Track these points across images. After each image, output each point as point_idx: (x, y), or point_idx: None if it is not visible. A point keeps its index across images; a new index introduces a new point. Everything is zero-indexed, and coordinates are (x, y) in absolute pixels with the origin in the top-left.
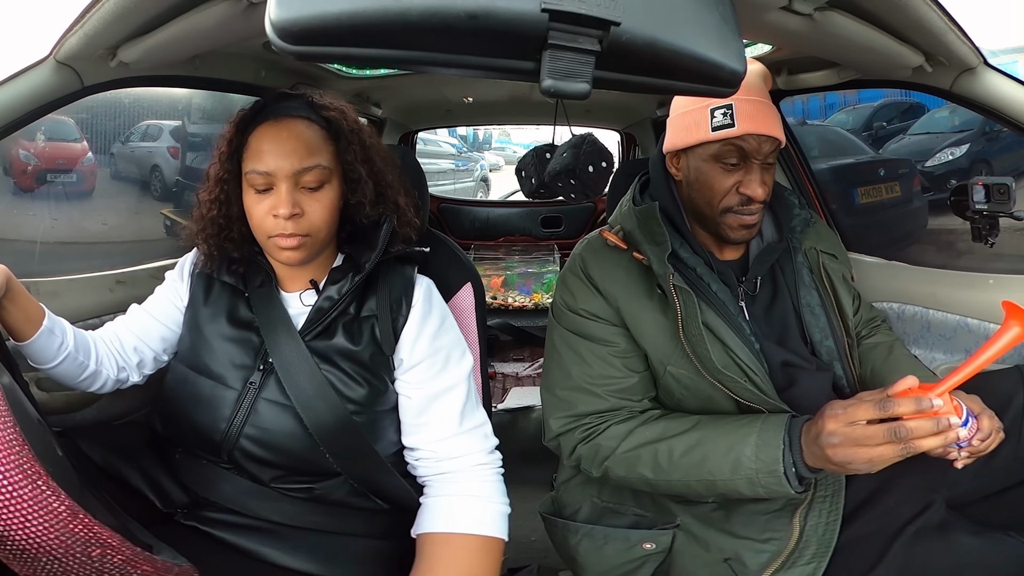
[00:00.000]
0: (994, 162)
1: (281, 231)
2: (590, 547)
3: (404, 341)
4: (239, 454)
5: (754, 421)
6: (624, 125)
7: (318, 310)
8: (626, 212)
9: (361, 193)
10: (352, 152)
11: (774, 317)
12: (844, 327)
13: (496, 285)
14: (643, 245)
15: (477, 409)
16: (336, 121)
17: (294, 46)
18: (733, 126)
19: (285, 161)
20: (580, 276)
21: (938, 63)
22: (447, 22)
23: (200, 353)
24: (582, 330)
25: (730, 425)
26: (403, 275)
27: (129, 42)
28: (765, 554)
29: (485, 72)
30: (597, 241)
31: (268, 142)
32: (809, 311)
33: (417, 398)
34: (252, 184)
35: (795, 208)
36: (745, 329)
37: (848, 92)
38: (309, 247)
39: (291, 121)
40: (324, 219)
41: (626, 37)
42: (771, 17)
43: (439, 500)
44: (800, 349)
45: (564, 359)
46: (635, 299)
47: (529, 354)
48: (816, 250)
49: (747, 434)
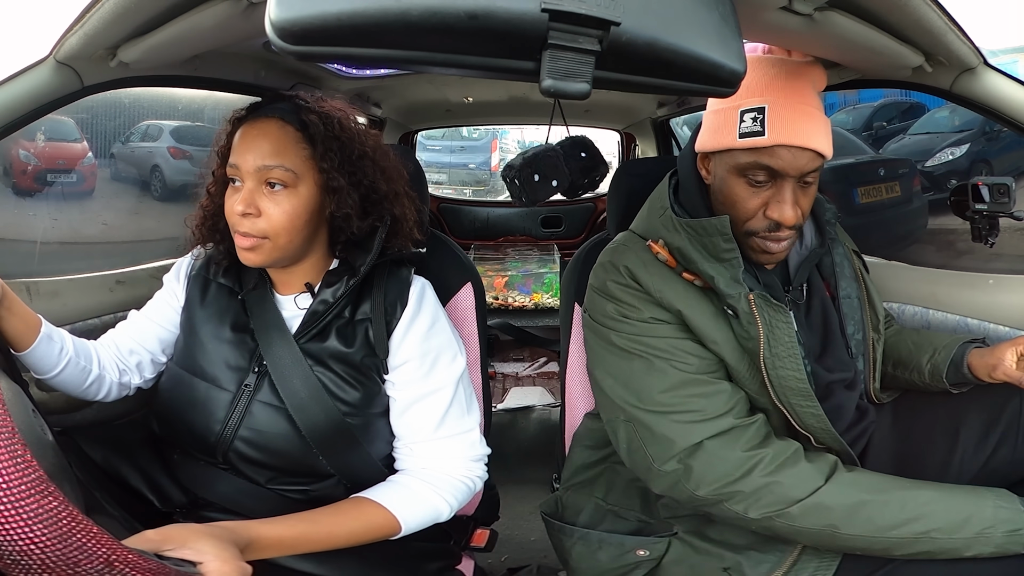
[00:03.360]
0: (994, 162)
1: (239, 228)
2: (583, 551)
3: (393, 341)
4: (234, 456)
5: (977, 488)
6: (624, 125)
7: (313, 313)
8: (671, 226)
9: (345, 204)
10: (330, 159)
11: (815, 320)
12: (873, 322)
13: (499, 286)
14: (701, 264)
15: (466, 415)
16: (313, 125)
17: (294, 46)
18: (763, 134)
19: (250, 155)
20: (631, 287)
21: (938, 63)
22: (447, 22)
23: (195, 355)
24: (657, 333)
25: (953, 486)
26: (398, 277)
27: (129, 42)
28: (766, 564)
29: (485, 72)
30: (645, 253)
31: (243, 138)
32: (848, 303)
33: (401, 399)
34: (229, 177)
35: (825, 203)
36: (802, 351)
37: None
38: (268, 251)
39: (266, 120)
40: (283, 224)
41: (626, 37)
42: (771, 17)
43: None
44: (840, 353)
45: (651, 359)
46: (703, 318)
47: (529, 354)
48: (845, 245)
49: (982, 495)
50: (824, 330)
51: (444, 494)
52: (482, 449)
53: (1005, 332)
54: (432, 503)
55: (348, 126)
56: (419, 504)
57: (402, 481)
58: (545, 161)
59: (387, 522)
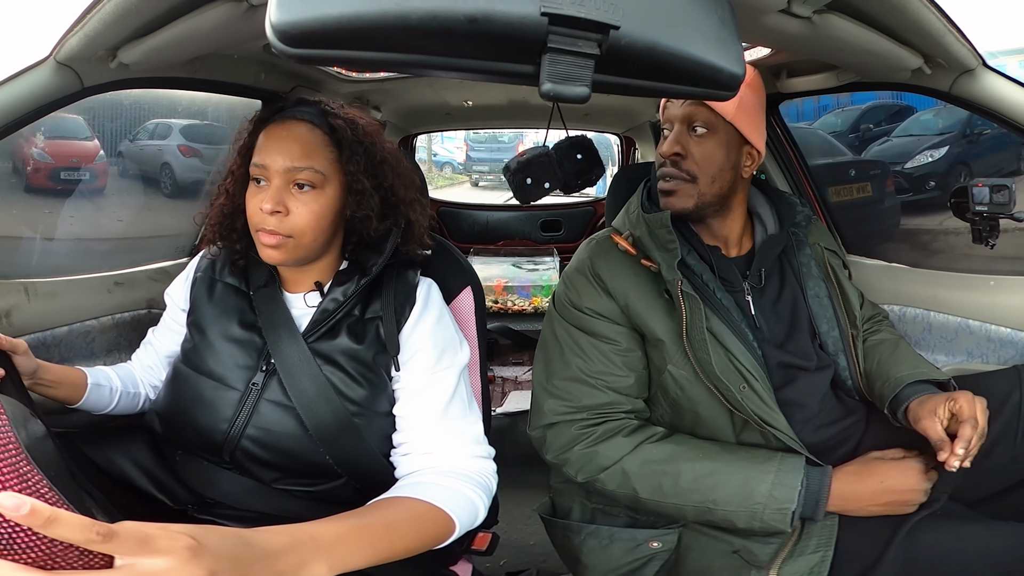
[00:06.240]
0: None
1: (264, 226)
2: (595, 546)
3: (402, 337)
4: (241, 455)
5: (771, 458)
6: (623, 129)
7: (323, 311)
8: (635, 219)
9: (367, 206)
10: (356, 163)
11: (783, 309)
12: (849, 318)
13: (499, 289)
14: (653, 252)
15: (469, 413)
16: (341, 129)
17: (294, 49)
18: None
19: (279, 156)
20: (587, 275)
21: (937, 65)
22: (446, 26)
23: (202, 354)
24: (585, 326)
25: (746, 460)
26: (406, 279)
27: (129, 43)
28: (772, 545)
29: (484, 76)
30: (607, 243)
31: (270, 139)
32: (817, 302)
33: (408, 388)
34: (253, 176)
35: (797, 206)
36: (748, 335)
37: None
38: (291, 249)
39: (295, 123)
40: (309, 223)
41: (625, 41)
42: (770, 20)
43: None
44: (805, 343)
45: (565, 351)
46: (643, 299)
47: (528, 358)
48: (819, 246)
49: (765, 471)
50: (792, 319)
51: (477, 489)
52: (488, 448)
53: (1006, 333)
54: (471, 499)
55: (370, 132)
56: (464, 501)
57: (433, 480)
58: (537, 166)
59: (445, 525)
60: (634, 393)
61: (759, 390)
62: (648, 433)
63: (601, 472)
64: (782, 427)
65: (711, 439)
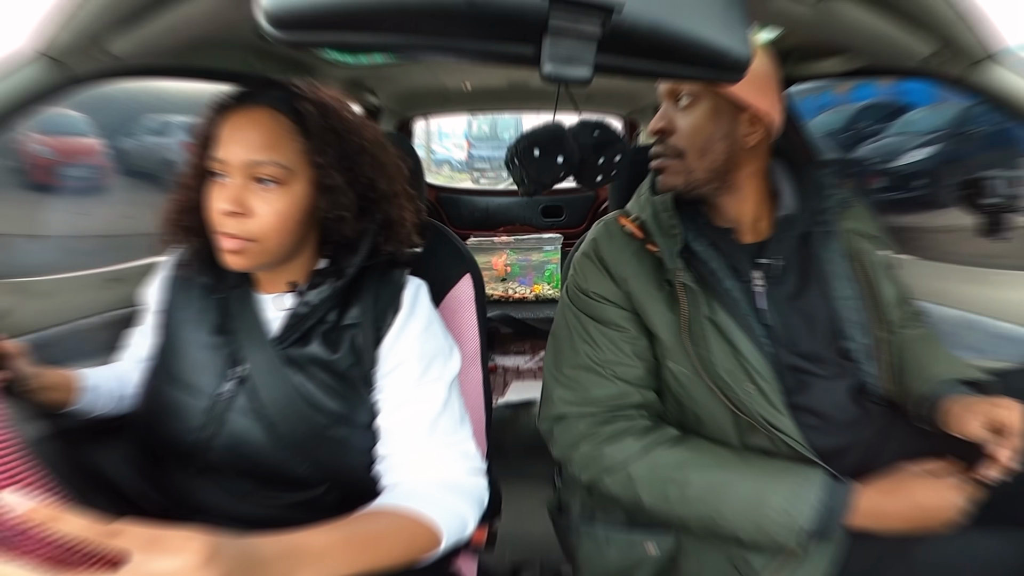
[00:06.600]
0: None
1: (223, 229)
2: (591, 547)
3: (383, 348)
4: (212, 464)
5: (787, 470)
6: (626, 111)
7: (295, 315)
8: (643, 201)
9: (341, 205)
10: (327, 154)
11: (800, 308)
12: (883, 324)
13: (500, 266)
14: (656, 237)
15: (460, 429)
16: (310, 115)
17: (286, 33)
18: None
19: (238, 148)
20: (592, 258)
21: (948, 52)
22: (444, 6)
23: (170, 360)
24: (593, 312)
25: (760, 470)
26: (391, 280)
27: (117, 32)
28: (773, 559)
29: (484, 58)
30: (613, 225)
31: (228, 129)
32: (846, 305)
33: (392, 403)
34: (212, 171)
35: (825, 187)
36: (756, 330)
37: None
38: (255, 255)
39: (257, 110)
40: (272, 225)
41: (629, 21)
42: (777, 3)
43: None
44: (823, 349)
45: (574, 337)
46: (645, 287)
47: (530, 347)
48: (855, 234)
49: (778, 484)
50: (811, 320)
51: (467, 505)
52: (479, 463)
53: (1007, 329)
54: (461, 514)
55: (346, 117)
56: (453, 516)
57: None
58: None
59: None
60: (644, 384)
61: (766, 391)
62: (660, 435)
63: (605, 475)
64: (790, 431)
65: (722, 443)
